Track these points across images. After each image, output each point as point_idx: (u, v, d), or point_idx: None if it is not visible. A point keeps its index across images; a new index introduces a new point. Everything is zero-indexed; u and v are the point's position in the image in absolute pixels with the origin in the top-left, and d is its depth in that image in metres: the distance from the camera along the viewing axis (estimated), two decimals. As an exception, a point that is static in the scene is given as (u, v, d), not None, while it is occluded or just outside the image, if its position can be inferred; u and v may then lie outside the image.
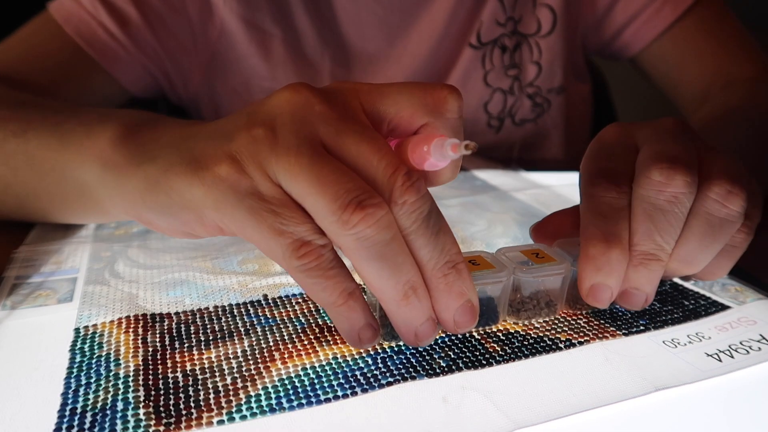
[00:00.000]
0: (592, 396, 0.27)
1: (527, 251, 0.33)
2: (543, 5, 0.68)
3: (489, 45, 0.68)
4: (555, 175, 0.61)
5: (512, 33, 0.68)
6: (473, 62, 0.69)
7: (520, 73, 0.70)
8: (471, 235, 0.44)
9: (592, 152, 0.35)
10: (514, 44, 0.69)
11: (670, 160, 0.30)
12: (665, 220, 0.30)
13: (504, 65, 0.69)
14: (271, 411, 0.26)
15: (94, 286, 0.36)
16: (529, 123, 0.73)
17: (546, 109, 0.73)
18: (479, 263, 0.31)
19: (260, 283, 0.37)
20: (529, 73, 0.70)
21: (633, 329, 0.32)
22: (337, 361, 0.29)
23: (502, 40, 0.68)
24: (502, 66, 0.69)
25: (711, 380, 0.28)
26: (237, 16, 0.62)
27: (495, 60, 0.69)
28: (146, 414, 0.25)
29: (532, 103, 0.72)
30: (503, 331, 0.32)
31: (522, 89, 0.71)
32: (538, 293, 0.32)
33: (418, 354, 0.30)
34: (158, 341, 0.31)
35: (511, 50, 0.69)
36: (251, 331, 0.32)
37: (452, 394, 0.27)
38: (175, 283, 0.37)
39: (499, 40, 0.68)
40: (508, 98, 0.71)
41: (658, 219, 0.30)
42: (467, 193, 0.54)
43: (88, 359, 0.29)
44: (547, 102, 0.72)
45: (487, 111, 0.71)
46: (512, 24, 0.68)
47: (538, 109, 0.72)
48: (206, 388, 0.27)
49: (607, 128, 0.36)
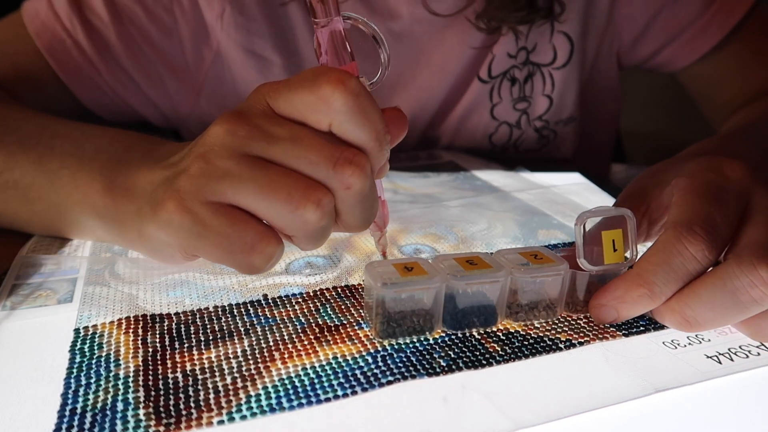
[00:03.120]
0: (591, 397, 0.27)
1: (526, 253, 0.33)
2: (560, 33, 0.63)
3: (498, 78, 0.65)
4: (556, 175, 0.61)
5: (524, 63, 0.65)
6: (481, 95, 0.66)
7: (529, 107, 0.67)
8: (471, 235, 0.44)
9: (695, 184, 0.32)
10: (525, 75, 0.65)
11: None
12: (729, 312, 0.29)
13: (512, 98, 0.66)
14: (271, 411, 0.26)
15: (94, 286, 0.36)
16: (532, 152, 0.71)
17: (551, 140, 0.70)
18: (477, 263, 0.31)
19: (260, 283, 0.37)
20: (539, 107, 0.67)
21: (633, 330, 0.32)
22: (337, 360, 0.29)
23: (512, 72, 0.65)
24: (511, 99, 0.66)
25: (710, 382, 0.28)
26: (234, 42, 0.58)
27: (503, 93, 0.66)
28: (146, 414, 0.25)
29: (539, 135, 0.69)
30: (503, 331, 0.32)
31: (530, 123, 0.68)
32: (536, 296, 0.32)
33: (419, 353, 0.30)
34: (158, 342, 0.31)
35: (521, 82, 0.65)
36: (251, 331, 0.32)
37: (452, 394, 0.27)
38: (175, 283, 0.37)
39: (508, 72, 0.65)
40: (514, 131, 0.68)
41: (723, 309, 0.29)
42: (468, 194, 0.54)
43: (88, 360, 0.29)
44: (553, 133, 0.70)
45: (491, 142, 0.69)
46: (524, 54, 0.64)
47: (543, 140, 0.70)
48: (206, 388, 0.27)
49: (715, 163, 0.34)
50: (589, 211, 0.32)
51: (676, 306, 0.30)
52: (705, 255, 0.29)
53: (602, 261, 0.32)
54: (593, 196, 0.55)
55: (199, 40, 0.58)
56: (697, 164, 0.34)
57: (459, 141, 0.69)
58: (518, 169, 0.63)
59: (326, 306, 0.34)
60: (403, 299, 0.30)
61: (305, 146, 0.28)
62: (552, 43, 0.64)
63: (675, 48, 0.65)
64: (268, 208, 0.29)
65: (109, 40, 0.55)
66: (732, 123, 0.62)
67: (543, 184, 0.58)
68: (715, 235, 0.30)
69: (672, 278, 0.30)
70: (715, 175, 0.32)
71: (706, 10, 0.62)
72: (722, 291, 0.29)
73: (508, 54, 0.64)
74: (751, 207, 0.32)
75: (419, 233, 0.45)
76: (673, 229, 0.30)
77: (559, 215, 0.49)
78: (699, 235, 0.30)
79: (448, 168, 0.63)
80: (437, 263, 0.32)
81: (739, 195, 0.32)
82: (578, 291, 0.33)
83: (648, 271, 0.30)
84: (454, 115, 0.67)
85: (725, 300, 0.29)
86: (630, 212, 0.33)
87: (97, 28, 0.55)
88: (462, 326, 0.32)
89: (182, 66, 0.60)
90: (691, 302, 0.30)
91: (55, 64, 0.55)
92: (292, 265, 0.39)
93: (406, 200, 0.52)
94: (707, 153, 0.39)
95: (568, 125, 0.70)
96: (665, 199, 0.35)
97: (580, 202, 0.53)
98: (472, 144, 0.69)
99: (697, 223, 0.30)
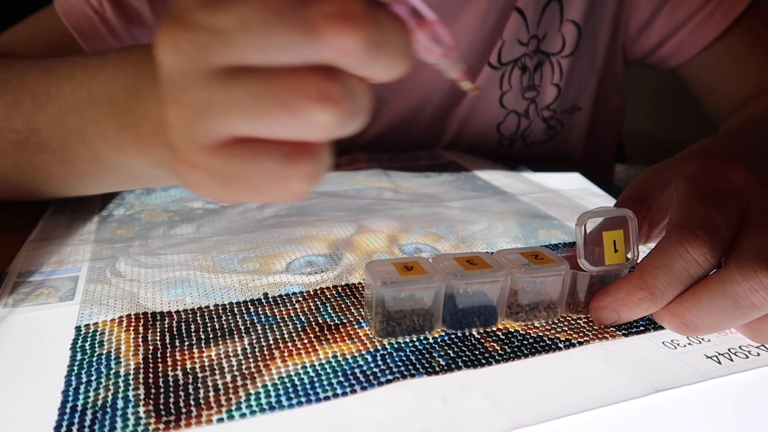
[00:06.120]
0: (591, 396, 0.27)
1: (527, 253, 0.33)
2: (569, 21, 0.64)
3: (509, 65, 0.66)
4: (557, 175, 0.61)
5: (534, 52, 0.65)
6: (491, 82, 0.66)
7: (538, 96, 0.68)
8: (471, 235, 0.44)
9: (696, 186, 0.32)
10: (535, 64, 0.66)
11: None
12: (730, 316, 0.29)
13: (522, 87, 0.67)
14: (271, 409, 0.26)
15: (96, 284, 0.36)
16: (540, 145, 0.71)
17: (558, 131, 0.71)
18: (477, 263, 0.32)
19: (261, 281, 0.37)
20: (547, 96, 0.68)
21: (633, 330, 0.32)
22: (337, 359, 0.29)
23: (523, 60, 0.65)
24: (520, 88, 0.67)
25: (710, 382, 0.28)
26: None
27: (513, 81, 0.66)
28: (146, 412, 0.25)
29: (546, 126, 0.70)
30: (503, 331, 0.32)
31: (538, 112, 0.69)
32: (537, 296, 0.32)
33: (418, 352, 0.30)
34: (159, 339, 0.31)
35: (531, 71, 0.66)
36: (251, 329, 0.32)
37: (451, 393, 0.27)
38: (176, 281, 0.37)
39: (519, 60, 0.66)
40: (522, 121, 0.69)
41: (724, 313, 0.29)
42: (469, 194, 0.54)
43: (89, 357, 0.29)
44: (560, 123, 0.70)
45: (499, 131, 0.69)
46: (535, 42, 0.65)
47: (551, 131, 0.71)
48: (206, 386, 0.27)
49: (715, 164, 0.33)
50: (590, 212, 0.32)
51: (676, 310, 0.30)
52: (707, 258, 0.29)
53: (603, 262, 0.32)
54: (594, 196, 0.55)
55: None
56: (697, 166, 0.34)
57: (468, 129, 0.69)
58: (519, 168, 0.63)
59: (326, 305, 0.34)
60: (402, 298, 0.30)
61: (263, 24, 0.21)
62: (561, 32, 0.65)
63: (679, 38, 0.65)
64: (271, 129, 0.23)
65: (143, 16, 0.56)
66: (732, 122, 0.62)
67: (544, 184, 0.58)
68: (717, 239, 0.30)
69: (673, 282, 0.30)
70: (715, 178, 0.32)
71: (710, 1, 0.62)
72: (723, 296, 0.29)
73: (519, 41, 0.64)
74: (752, 209, 0.32)
75: (420, 233, 0.45)
76: (675, 232, 0.30)
77: (559, 215, 0.49)
78: (701, 238, 0.29)
79: (450, 168, 0.63)
80: (437, 263, 0.32)
81: (740, 197, 0.32)
82: (579, 292, 0.33)
83: (649, 274, 0.30)
84: (464, 103, 0.67)
85: (726, 305, 0.29)
86: (631, 213, 0.33)
87: (129, 3, 0.55)
88: (462, 326, 0.32)
89: None
90: (691, 306, 0.30)
91: (83, 42, 0.55)
92: (293, 264, 0.39)
93: (407, 200, 0.52)
94: (707, 153, 0.39)
95: (573, 114, 0.70)
96: (665, 201, 0.35)
97: (581, 202, 0.53)
98: (480, 133, 0.69)
99: (699, 227, 0.30)
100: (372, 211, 0.49)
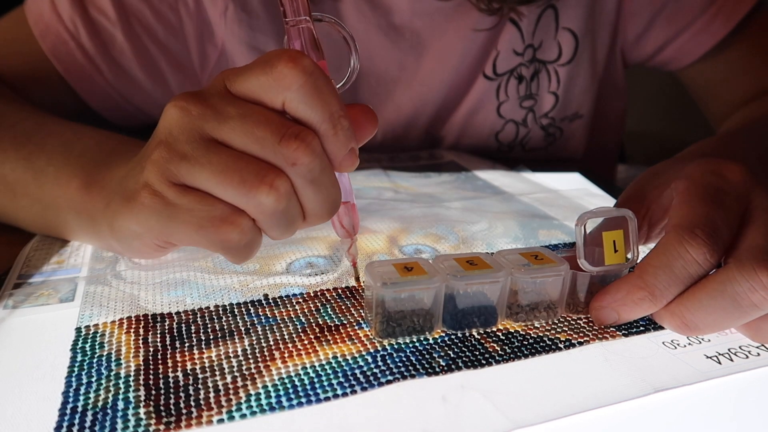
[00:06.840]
0: (591, 396, 0.27)
1: (527, 254, 0.33)
2: (565, 29, 0.63)
3: (505, 75, 0.65)
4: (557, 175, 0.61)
5: (530, 61, 0.65)
6: (487, 93, 0.65)
7: (536, 105, 0.67)
8: (472, 235, 0.44)
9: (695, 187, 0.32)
10: (532, 73, 0.65)
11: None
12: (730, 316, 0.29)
13: (519, 96, 0.66)
14: (271, 410, 0.26)
15: (96, 286, 0.36)
16: (539, 151, 0.71)
17: (558, 138, 0.70)
18: (477, 264, 0.32)
19: (261, 282, 0.37)
20: (545, 104, 0.67)
21: (633, 330, 0.32)
22: (337, 360, 0.29)
23: (519, 70, 0.65)
24: (517, 97, 0.66)
25: (710, 382, 0.28)
26: (238, 38, 0.58)
27: (510, 91, 0.66)
28: (146, 413, 0.25)
29: (545, 133, 0.69)
30: (503, 331, 0.32)
31: (536, 120, 0.68)
32: (537, 296, 0.32)
33: (418, 353, 0.30)
34: (159, 341, 0.31)
35: (528, 80, 0.65)
36: (252, 330, 0.32)
37: (451, 394, 0.27)
38: (176, 282, 0.37)
39: (515, 70, 0.65)
40: (520, 129, 0.68)
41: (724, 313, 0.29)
42: (469, 194, 0.54)
43: (89, 358, 0.29)
44: (559, 131, 0.70)
45: (497, 140, 0.69)
46: (531, 51, 0.64)
47: (549, 138, 0.70)
48: (206, 387, 0.27)
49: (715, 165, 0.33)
50: (590, 212, 0.32)
51: (676, 310, 0.30)
52: (707, 258, 0.29)
53: (603, 262, 0.32)
54: (593, 197, 0.55)
55: (204, 38, 0.59)
56: (697, 166, 0.34)
57: (465, 139, 0.69)
58: (519, 168, 0.63)
59: (326, 306, 0.34)
60: (402, 299, 0.30)
61: (253, 122, 0.28)
62: (557, 40, 0.64)
63: (679, 44, 0.65)
64: (225, 192, 0.29)
65: (116, 39, 0.55)
66: (731, 123, 0.62)
67: (544, 184, 0.58)
68: (717, 239, 0.30)
69: (673, 281, 0.30)
70: (714, 178, 0.32)
71: (710, 6, 0.62)
72: (722, 296, 0.29)
73: (515, 51, 0.64)
74: (751, 209, 0.32)
75: (420, 233, 0.45)
76: (675, 232, 0.30)
77: (559, 216, 0.49)
78: (701, 238, 0.29)
79: (450, 168, 0.63)
80: (437, 263, 0.32)
81: (739, 197, 0.32)
82: (579, 292, 0.33)
83: (649, 274, 0.30)
84: (460, 113, 0.67)
85: (726, 304, 0.29)
86: (631, 213, 0.33)
87: (103, 27, 0.55)
88: (462, 326, 0.32)
89: (188, 65, 0.60)
90: (691, 306, 0.30)
91: (60, 67, 0.55)
92: (293, 266, 0.39)
93: (407, 200, 0.52)
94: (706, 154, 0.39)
95: (573, 122, 0.70)
96: (665, 201, 0.35)
97: (581, 202, 0.53)
98: (478, 142, 0.69)
99: (699, 227, 0.30)
100: (372, 211, 0.49)
